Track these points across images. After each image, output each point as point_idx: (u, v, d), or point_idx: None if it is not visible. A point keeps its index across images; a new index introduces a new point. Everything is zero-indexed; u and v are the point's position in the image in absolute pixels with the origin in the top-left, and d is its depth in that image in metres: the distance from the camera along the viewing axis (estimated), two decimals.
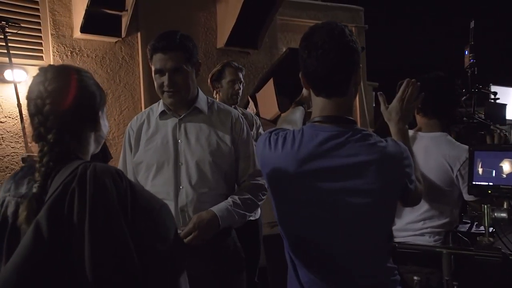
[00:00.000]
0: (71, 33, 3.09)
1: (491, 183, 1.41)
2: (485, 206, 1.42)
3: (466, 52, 1.72)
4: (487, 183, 1.41)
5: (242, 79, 2.50)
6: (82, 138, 0.99)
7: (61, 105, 0.93)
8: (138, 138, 1.59)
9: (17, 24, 2.60)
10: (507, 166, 1.39)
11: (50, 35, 3.01)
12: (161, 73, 1.50)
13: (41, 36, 2.98)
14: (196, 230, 1.40)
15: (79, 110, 0.96)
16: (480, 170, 1.42)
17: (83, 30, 2.99)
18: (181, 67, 1.50)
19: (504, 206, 1.41)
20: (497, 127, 2.05)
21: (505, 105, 2.30)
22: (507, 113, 2.45)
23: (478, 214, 1.48)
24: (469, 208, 1.64)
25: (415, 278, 1.54)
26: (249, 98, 3.20)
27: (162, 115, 1.59)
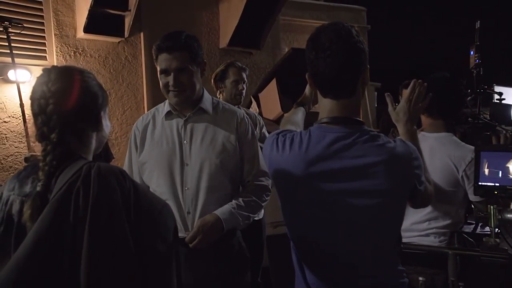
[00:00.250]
0: (75, 33, 3.09)
1: (497, 184, 1.40)
2: (491, 207, 1.41)
3: (472, 53, 1.72)
4: (493, 184, 1.41)
5: (246, 79, 2.50)
6: (84, 138, 1.00)
7: (64, 105, 0.94)
8: (144, 138, 1.59)
9: (20, 24, 2.60)
10: None
11: (54, 35, 3.02)
12: (167, 73, 1.51)
13: (45, 36, 2.98)
14: (201, 234, 1.41)
15: (82, 110, 0.98)
16: (486, 171, 1.42)
17: (86, 30, 3.00)
18: (186, 67, 1.50)
19: (511, 207, 1.41)
20: (503, 128, 2.05)
21: (511, 106, 2.30)
22: None
23: (485, 215, 1.48)
24: (475, 209, 1.64)
25: (420, 279, 1.54)
26: (252, 98, 3.20)
27: (168, 116, 1.59)
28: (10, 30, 2.51)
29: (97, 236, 0.83)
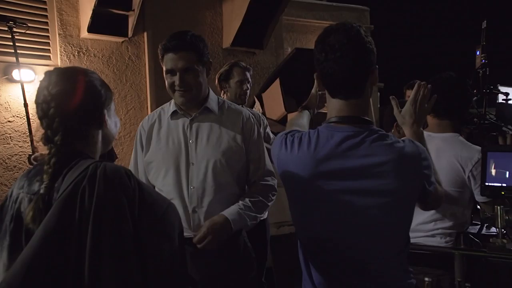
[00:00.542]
0: (78, 33, 3.09)
1: (505, 184, 1.40)
2: (498, 208, 1.41)
3: (478, 53, 1.71)
4: (501, 184, 1.40)
5: (250, 79, 2.50)
6: (89, 138, 1.01)
7: (65, 108, 0.95)
8: (150, 138, 1.60)
9: (25, 24, 2.60)
10: None
11: (58, 35, 3.02)
12: (172, 73, 1.51)
13: (49, 36, 2.98)
14: (210, 235, 1.41)
15: (84, 111, 0.98)
16: (493, 171, 1.41)
17: (90, 30, 3.00)
18: (192, 67, 1.50)
19: None
20: (509, 128, 2.04)
21: None
22: None
23: (491, 216, 1.48)
24: (482, 210, 1.63)
25: (426, 279, 1.53)
26: (255, 98, 3.20)
27: (173, 115, 1.59)
28: (15, 30, 2.51)
29: (100, 234, 0.84)
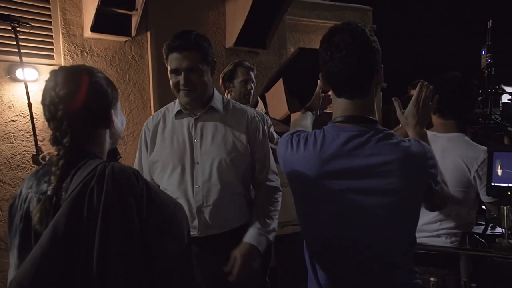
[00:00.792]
0: (82, 33, 3.10)
1: (511, 185, 1.39)
2: (504, 208, 1.40)
3: (483, 52, 1.70)
4: (507, 184, 1.40)
5: (254, 79, 2.50)
6: (97, 138, 1.01)
7: (73, 110, 0.95)
8: (154, 137, 1.60)
9: (28, 24, 2.60)
10: None
11: (61, 34, 3.02)
12: (177, 73, 1.51)
13: (52, 35, 2.98)
14: (246, 268, 1.42)
15: (92, 112, 0.99)
16: (499, 171, 1.41)
17: (94, 30, 3.00)
18: (197, 66, 1.50)
19: None
20: None
21: None
22: None
23: (497, 216, 1.47)
24: (488, 210, 1.63)
25: (432, 279, 1.53)
26: (259, 98, 3.20)
27: (178, 115, 1.59)
28: (18, 30, 2.51)
29: (108, 234, 0.84)
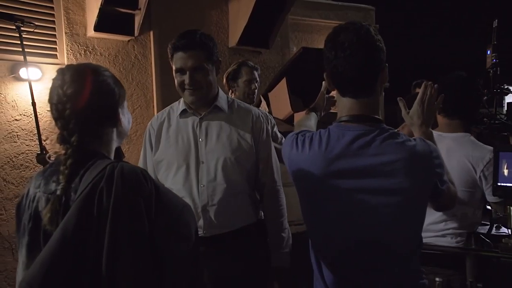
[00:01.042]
0: (85, 32, 3.10)
1: None
2: (510, 208, 1.40)
3: (489, 52, 1.70)
4: None
5: (258, 78, 2.50)
6: (104, 137, 1.01)
7: (81, 109, 0.95)
8: (159, 137, 1.60)
9: (32, 23, 2.61)
10: None
11: (64, 34, 3.02)
12: (182, 72, 1.51)
13: (56, 35, 2.99)
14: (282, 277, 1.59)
15: (99, 111, 0.98)
16: (506, 171, 1.40)
17: (97, 29, 3.00)
18: (202, 66, 1.50)
19: None
20: None
21: None
22: None
23: (504, 216, 1.47)
24: (493, 210, 1.62)
25: (437, 279, 1.52)
26: (262, 97, 3.20)
27: (183, 114, 1.59)
28: (22, 29, 2.51)
29: (117, 234, 0.84)
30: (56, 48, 2.99)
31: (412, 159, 1.05)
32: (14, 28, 2.53)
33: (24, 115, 2.87)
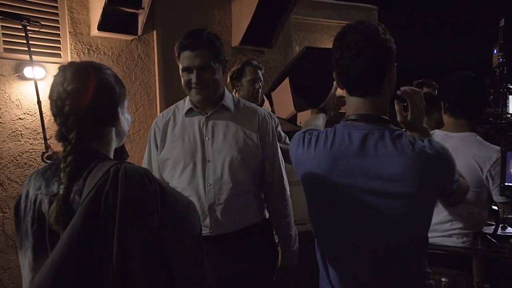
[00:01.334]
0: (89, 31, 3.10)
1: None
2: None
3: (495, 51, 1.69)
4: None
5: (262, 78, 2.49)
6: (103, 136, 1.00)
7: (80, 106, 0.94)
8: (164, 135, 1.59)
9: (38, 23, 2.61)
10: None
11: (68, 33, 3.03)
12: (189, 71, 1.50)
13: (59, 34, 2.99)
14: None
15: (99, 109, 0.97)
16: None
17: (100, 28, 3.00)
18: (209, 64, 1.49)
19: None
20: None
21: None
22: None
23: (511, 217, 1.46)
24: (501, 210, 1.61)
25: (443, 280, 1.52)
26: (265, 97, 3.19)
27: (189, 113, 1.58)
28: (28, 28, 2.51)
29: (126, 236, 0.84)
30: (60, 47, 2.99)
31: (419, 162, 1.02)
32: (19, 28, 2.53)
33: (28, 114, 2.87)
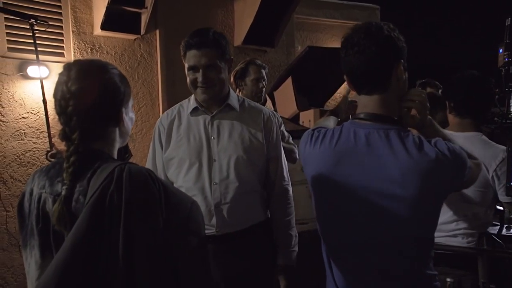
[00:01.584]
0: (92, 30, 3.10)
1: None
2: None
3: (501, 51, 1.68)
4: None
5: (265, 77, 2.49)
6: (107, 136, 0.99)
7: (84, 106, 0.93)
8: (169, 134, 1.59)
9: (45, 22, 2.61)
10: None
11: (71, 32, 3.03)
12: (195, 70, 1.50)
13: (63, 33, 2.99)
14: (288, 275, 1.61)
15: (102, 109, 0.96)
16: None
17: (103, 27, 3.01)
18: (215, 63, 1.49)
19: None
20: None
21: None
22: None
23: None
24: (507, 210, 1.61)
25: (448, 280, 1.52)
26: (267, 96, 3.19)
27: (194, 112, 1.58)
28: (35, 28, 2.51)
29: (132, 237, 0.84)
30: (63, 47, 2.99)
31: (423, 165, 0.99)
32: (23, 27, 2.53)
33: (32, 113, 2.87)
